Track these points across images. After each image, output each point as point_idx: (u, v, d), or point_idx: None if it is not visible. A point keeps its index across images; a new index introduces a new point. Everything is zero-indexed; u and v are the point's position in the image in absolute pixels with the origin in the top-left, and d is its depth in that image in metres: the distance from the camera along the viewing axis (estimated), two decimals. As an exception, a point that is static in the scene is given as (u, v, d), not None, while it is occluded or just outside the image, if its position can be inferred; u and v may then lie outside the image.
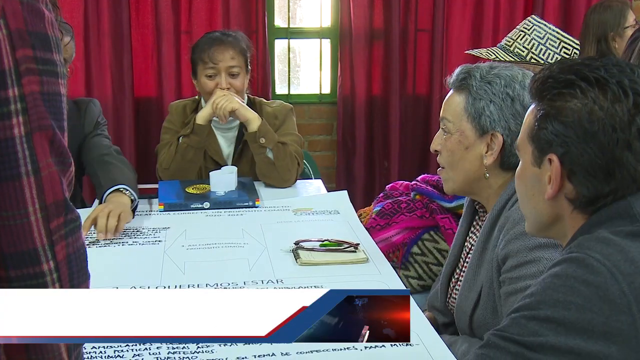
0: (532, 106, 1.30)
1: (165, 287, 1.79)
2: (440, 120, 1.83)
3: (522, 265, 1.56)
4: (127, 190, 2.28)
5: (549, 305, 1.11)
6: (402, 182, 2.72)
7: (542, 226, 1.33)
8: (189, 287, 1.79)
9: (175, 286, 1.79)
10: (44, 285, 0.89)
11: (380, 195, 2.68)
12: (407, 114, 4.24)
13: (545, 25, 2.34)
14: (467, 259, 1.85)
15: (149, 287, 1.78)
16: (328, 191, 2.75)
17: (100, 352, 1.46)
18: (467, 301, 1.73)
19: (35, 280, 0.89)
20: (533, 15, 2.44)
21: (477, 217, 1.89)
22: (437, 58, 4.18)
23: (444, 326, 1.91)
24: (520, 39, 2.33)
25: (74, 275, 0.92)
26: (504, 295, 1.59)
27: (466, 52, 2.57)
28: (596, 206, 1.21)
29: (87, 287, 0.97)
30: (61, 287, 0.90)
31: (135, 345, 1.49)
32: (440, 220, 2.40)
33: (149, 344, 1.49)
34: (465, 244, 1.90)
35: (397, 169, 4.21)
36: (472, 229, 1.90)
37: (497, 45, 2.42)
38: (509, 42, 2.36)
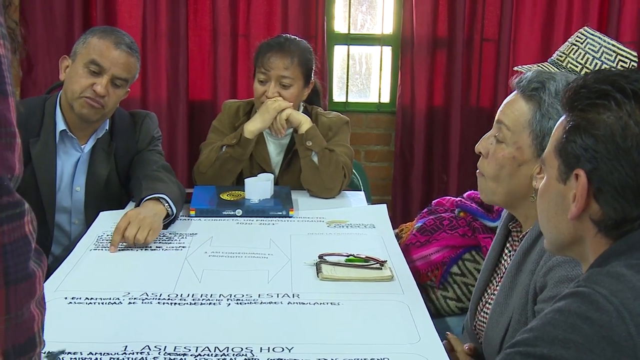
0: (562, 117, 1.19)
1: (177, 295, 1.73)
2: (495, 122, 1.66)
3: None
4: (166, 201, 2.22)
5: (547, 342, 1.01)
6: (449, 197, 2.59)
7: (561, 246, 1.23)
8: (201, 296, 1.72)
9: (188, 295, 1.73)
10: None
11: (424, 211, 2.55)
12: (469, 126, 4.09)
13: (599, 37, 2.16)
14: (499, 282, 1.72)
15: (160, 295, 1.73)
16: (381, 204, 2.62)
17: (96, 358, 1.42)
18: (498, 327, 1.61)
19: None
20: (586, 27, 2.26)
21: (510, 238, 1.76)
22: (503, 69, 4.02)
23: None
24: (573, 53, 2.16)
25: (10, 269, 0.81)
26: None
27: (514, 68, 2.42)
28: (622, 231, 1.10)
29: (30, 287, 0.85)
30: None
31: (132, 354, 1.43)
32: (482, 240, 2.26)
33: (146, 353, 1.44)
34: (499, 265, 1.78)
35: (456, 183, 4.07)
36: (506, 250, 1.77)
37: (548, 60, 2.27)
38: (561, 57, 2.20)
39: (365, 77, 4.34)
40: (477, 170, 1.74)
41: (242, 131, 2.58)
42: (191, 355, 1.44)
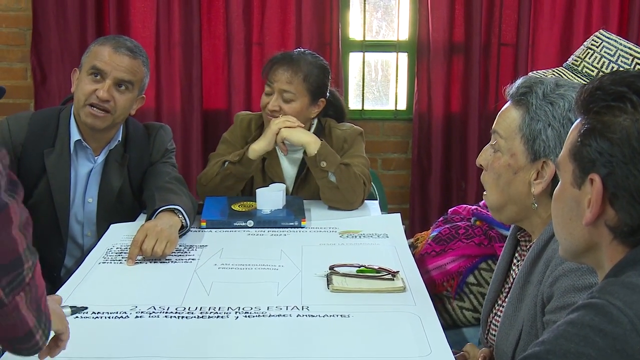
0: (577, 120, 1.16)
1: (185, 308, 1.70)
2: (491, 132, 1.67)
3: (568, 307, 1.38)
4: (181, 213, 2.20)
5: (558, 355, 0.98)
6: (465, 206, 2.54)
7: (576, 253, 1.19)
8: (209, 309, 1.69)
9: (196, 308, 1.70)
10: None
11: (439, 220, 2.50)
12: (487, 132, 3.98)
13: (615, 40, 2.11)
14: (508, 293, 1.68)
15: (168, 308, 1.70)
16: (399, 212, 2.58)
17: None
18: (508, 339, 1.58)
19: None
20: (601, 30, 2.20)
21: (518, 248, 1.72)
22: (522, 74, 3.87)
23: None
24: (589, 57, 2.11)
25: None
26: None
27: (530, 73, 2.38)
28: (638, 237, 1.06)
29: (5, 216, 0.97)
30: None
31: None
32: (498, 249, 2.20)
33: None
34: (507, 276, 1.73)
35: (474, 191, 4.00)
36: (515, 260, 1.73)
37: (564, 65, 2.22)
38: (577, 61, 2.15)
39: (381, 84, 4.30)
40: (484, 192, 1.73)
41: (247, 150, 2.53)
42: (197, 370, 1.42)
